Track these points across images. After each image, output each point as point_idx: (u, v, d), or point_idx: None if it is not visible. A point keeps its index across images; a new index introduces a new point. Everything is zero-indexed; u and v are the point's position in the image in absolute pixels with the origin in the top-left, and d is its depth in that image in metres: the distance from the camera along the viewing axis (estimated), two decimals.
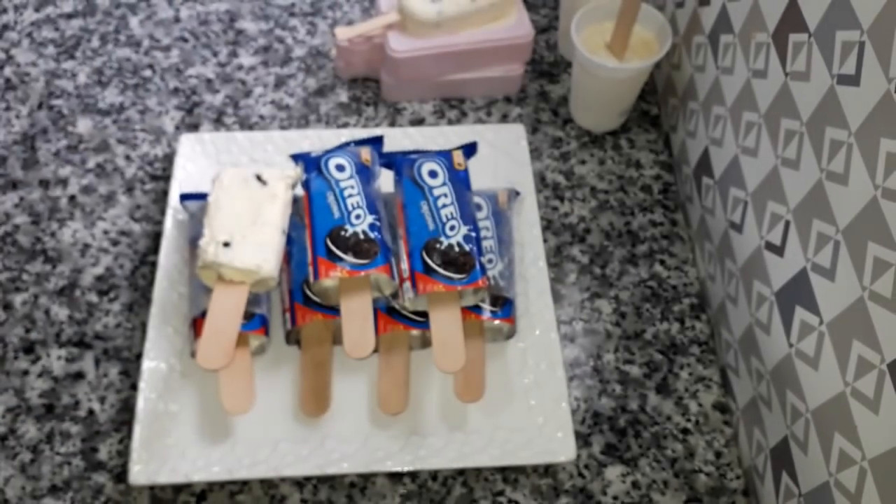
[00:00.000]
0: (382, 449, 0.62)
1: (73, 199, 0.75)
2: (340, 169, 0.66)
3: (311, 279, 0.62)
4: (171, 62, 0.84)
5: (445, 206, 0.65)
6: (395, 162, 0.68)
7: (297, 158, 0.69)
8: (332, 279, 0.62)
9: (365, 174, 0.66)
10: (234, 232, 0.63)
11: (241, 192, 0.65)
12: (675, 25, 0.76)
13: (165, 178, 0.76)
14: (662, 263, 0.73)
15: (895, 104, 0.44)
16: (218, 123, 0.80)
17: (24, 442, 0.63)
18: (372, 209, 0.64)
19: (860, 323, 0.47)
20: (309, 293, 0.65)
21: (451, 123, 0.81)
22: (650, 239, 0.75)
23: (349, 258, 0.61)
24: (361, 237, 0.62)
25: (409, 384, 0.64)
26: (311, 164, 0.66)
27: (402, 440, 0.62)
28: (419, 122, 0.81)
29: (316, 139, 0.76)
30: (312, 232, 0.63)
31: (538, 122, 0.82)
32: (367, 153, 0.68)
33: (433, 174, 0.66)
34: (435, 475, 0.63)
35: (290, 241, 0.67)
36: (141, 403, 0.62)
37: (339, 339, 0.64)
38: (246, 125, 0.80)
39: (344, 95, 0.83)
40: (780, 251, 0.57)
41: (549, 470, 0.63)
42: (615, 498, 0.63)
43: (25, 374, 0.66)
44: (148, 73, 0.84)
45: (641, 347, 0.69)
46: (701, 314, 0.71)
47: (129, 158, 0.78)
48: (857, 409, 0.48)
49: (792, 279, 0.56)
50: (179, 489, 0.62)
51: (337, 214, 0.63)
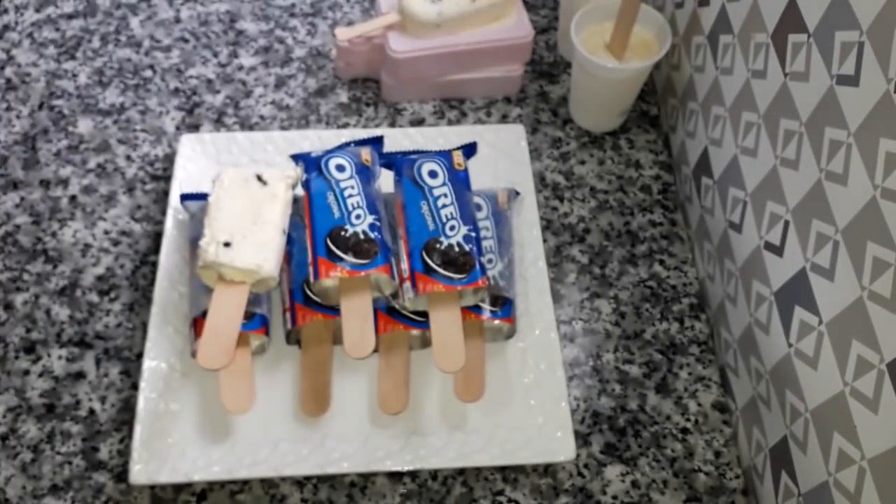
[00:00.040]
0: (382, 448, 0.62)
1: (73, 199, 0.75)
2: (341, 169, 0.66)
3: (311, 279, 0.62)
4: (171, 62, 0.85)
5: (445, 206, 0.65)
6: (395, 162, 0.68)
7: (297, 159, 0.69)
8: (332, 279, 0.62)
9: (365, 174, 0.66)
10: (234, 232, 0.63)
11: (241, 192, 0.65)
12: (674, 26, 0.76)
13: (166, 178, 0.77)
14: (662, 263, 0.73)
15: (894, 104, 0.44)
16: (218, 124, 0.80)
17: (24, 441, 0.63)
18: (372, 209, 0.64)
19: (859, 323, 0.47)
20: (309, 293, 0.65)
21: (451, 124, 0.81)
22: (650, 239, 0.75)
23: (349, 258, 0.62)
24: (361, 237, 0.62)
25: (409, 384, 0.64)
26: (311, 164, 0.66)
27: (402, 440, 0.62)
28: (419, 122, 0.81)
29: (316, 139, 0.76)
30: (313, 232, 0.63)
31: (538, 122, 0.82)
32: (367, 153, 0.68)
33: (433, 174, 0.66)
34: (435, 475, 0.63)
35: (290, 241, 0.67)
36: (141, 403, 0.62)
37: (339, 338, 0.64)
38: (246, 125, 0.80)
39: (344, 96, 0.83)
40: (779, 251, 0.57)
41: (548, 469, 0.63)
42: (615, 497, 0.63)
43: (26, 373, 0.66)
44: (148, 73, 0.84)
45: (641, 347, 0.69)
46: (700, 314, 0.71)
47: (129, 159, 0.78)
48: (856, 408, 0.48)
49: (791, 279, 0.56)
50: (180, 488, 0.62)
51: (337, 214, 0.63)
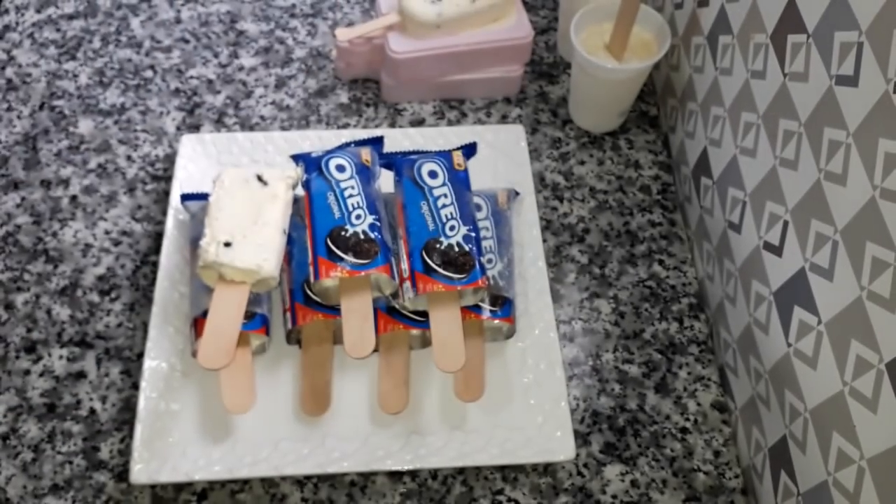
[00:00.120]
0: (382, 448, 0.62)
1: (74, 199, 0.75)
2: (341, 169, 0.66)
3: (311, 279, 0.62)
4: (172, 63, 0.85)
5: (445, 206, 0.65)
6: (395, 162, 0.68)
7: (297, 159, 0.69)
8: (332, 279, 0.62)
9: (365, 174, 0.66)
10: (234, 232, 0.63)
11: (241, 192, 0.65)
12: (673, 26, 0.76)
13: (167, 178, 0.77)
14: (661, 263, 0.74)
15: (893, 105, 0.44)
16: (219, 124, 0.80)
17: (25, 441, 0.63)
18: (372, 209, 0.64)
19: (858, 323, 0.47)
20: (309, 293, 0.65)
21: (450, 124, 0.81)
22: (649, 239, 0.75)
23: (349, 258, 0.62)
24: (362, 237, 0.62)
25: (409, 383, 0.64)
26: (311, 164, 0.67)
27: (402, 439, 0.62)
28: (419, 122, 0.81)
29: (316, 140, 0.76)
30: (313, 232, 0.63)
31: (537, 122, 0.82)
32: (367, 154, 0.68)
33: (433, 174, 0.66)
34: (435, 474, 0.63)
35: (290, 241, 0.67)
36: (142, 403, 0.62)
37: (339, 338, 0.64)
38: (247, 126, 0.80)
39: (344, 96, 0.83)
40: (778, 251, 0.57)
41: (548, 469, 0.64)
42: (614, 497, 0.63)
43: (27, 373, 0.66)
44: (149, 73, 0.84)
45: (640, 347, 0.69)
46: (700, 314, 0.71)
47: (130, 159, 0.78)
48: (855, 408, 0.48)
49: (790, 279, 0.56)
50: (180, 488, 0.62)
51: (337, 214, 0.63)
